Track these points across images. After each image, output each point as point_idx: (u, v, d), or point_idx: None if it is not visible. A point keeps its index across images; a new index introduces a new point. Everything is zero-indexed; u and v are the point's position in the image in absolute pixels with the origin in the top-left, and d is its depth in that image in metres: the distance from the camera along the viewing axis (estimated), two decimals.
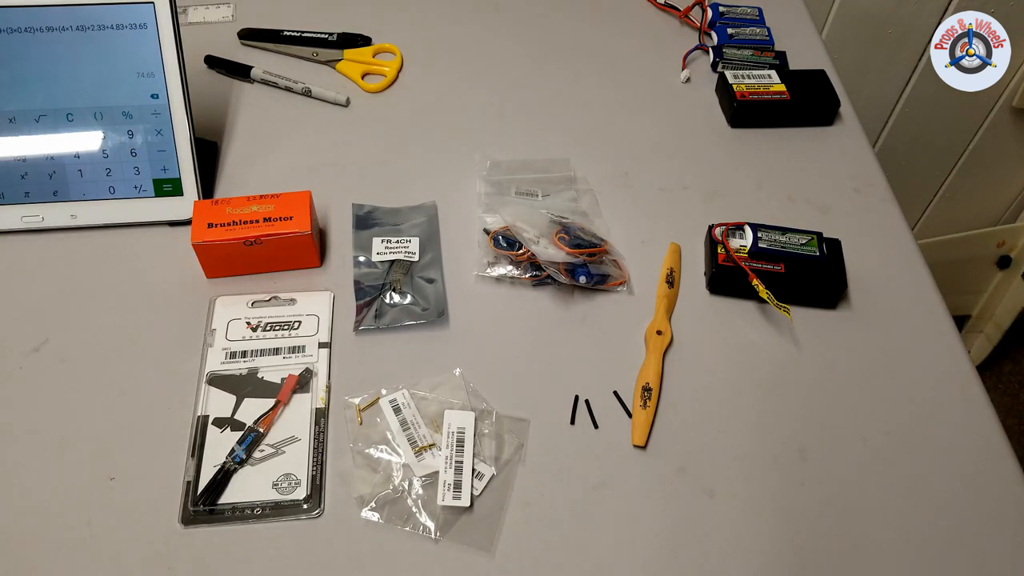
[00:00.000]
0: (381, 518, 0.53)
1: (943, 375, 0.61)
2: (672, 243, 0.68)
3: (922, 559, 0.53)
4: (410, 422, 0.57)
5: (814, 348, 0.62)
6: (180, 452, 0.55)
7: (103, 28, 0.65)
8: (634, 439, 0.57)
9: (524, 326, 0.63)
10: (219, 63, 0.81)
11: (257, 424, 0.56)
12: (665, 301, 0.64)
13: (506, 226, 0.66)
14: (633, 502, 0.54)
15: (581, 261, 0.64)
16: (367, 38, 0.84)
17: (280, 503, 0.53)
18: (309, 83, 0.79)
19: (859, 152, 0.77)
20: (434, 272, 0.65)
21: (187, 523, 0.52)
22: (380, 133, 0.77)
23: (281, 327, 0.61)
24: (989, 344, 1.51)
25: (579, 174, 0.73)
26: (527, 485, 0.55)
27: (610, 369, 0.61)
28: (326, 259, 0.67)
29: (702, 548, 0.53)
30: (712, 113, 0.80)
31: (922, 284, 0.67)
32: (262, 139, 0.76)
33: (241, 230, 0.61)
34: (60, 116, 0.66)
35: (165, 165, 0.68)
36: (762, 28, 0.84)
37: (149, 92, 0.67)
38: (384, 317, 0.62)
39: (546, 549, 0.52)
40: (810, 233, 0.65)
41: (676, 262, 0.66)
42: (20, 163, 0.66)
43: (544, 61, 0.84)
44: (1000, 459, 0.57)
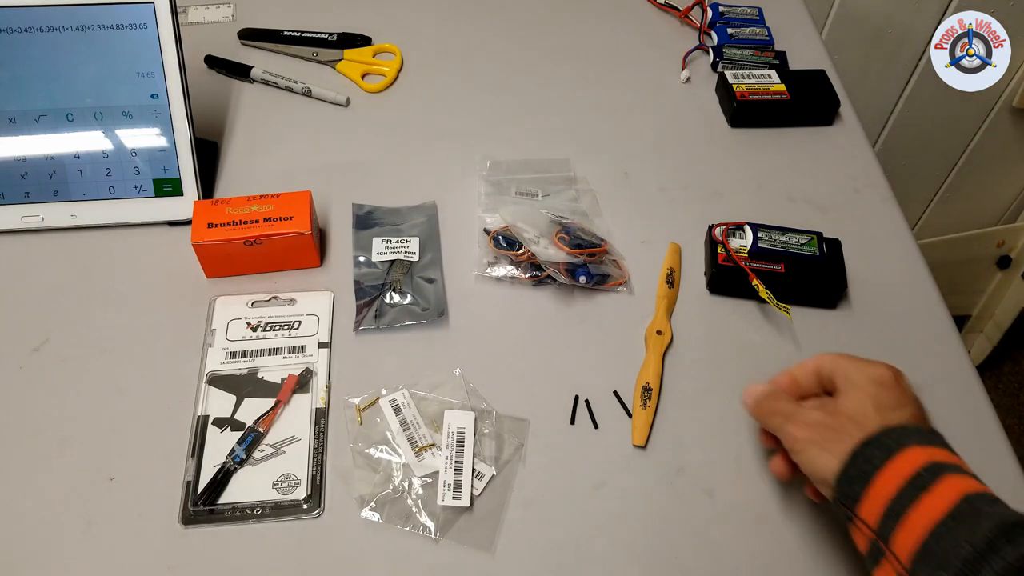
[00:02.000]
0: (381, 518, 0.53)
1: (943, 375, 0.61)
2: (672, 243, 0.68)
3: None
4: (410, 422, 0.57)
5: (814, 348, 0.62)
6: (180, 452, 0.55)
7: (103, 28, 0.65)
8: (634, 439, 0.57)
9: (524, 326, 0.63)
10: (219, 63, 0.81)
11: (257, 424, 0.56)
12: (665, 301, 0.64)
13: (506, 226, 0.66)
14: (633, 502, 0.54)
15: (581, 261, 0.64)
16: (367, 38, 0.84)
17: (280, 503, 0.53)
18: (309, 83, 0.79)
19: (859, 152, 0.77)
20: (434, 272, 0.65)
21: (187, 523, 0.52)
22: (380, 133, 0.77)
23: (281, 327, 0.61)
24: (989, 344, 1.51)
25: (579, 174, 0.73)
26: (527, 485, 0.55)
27: (610, 369, 0.61)
28: (326, 259, 0.67)
29: (702, 548, 0.53)
30: (712, 113, 0.80)
31: (922, 284, 0.67)
32: (262, 139, 0.76)
33: (241, 230, 0.61)
34: (60, 116, 0.66)
35: (165, 165, 0.68)
36: (762, 28, 0.84)
37: (149, 92, 0.67)
38: (384, 317, 0.62)
39: (546, 549, 0.52)
40: (810, 233, 0.65)
41: (676, 262, 0.66)
42: (20, 163, 0.66)
43: (544, 61, 0.84)
44: (1000, 459, 0.57)
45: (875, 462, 0.42)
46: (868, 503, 0.41)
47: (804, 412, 0.48)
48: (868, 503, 0.41)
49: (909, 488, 0.40)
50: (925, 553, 0.38)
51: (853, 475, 0.42)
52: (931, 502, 0.39)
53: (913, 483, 0.40)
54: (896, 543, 0.39)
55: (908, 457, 0.41)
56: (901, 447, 0.42)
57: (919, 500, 0.39)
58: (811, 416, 0.47)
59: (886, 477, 0.41)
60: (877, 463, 0.42)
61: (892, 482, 0.41)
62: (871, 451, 0.42)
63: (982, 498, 0.39)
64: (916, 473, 0.40)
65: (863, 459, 0.42)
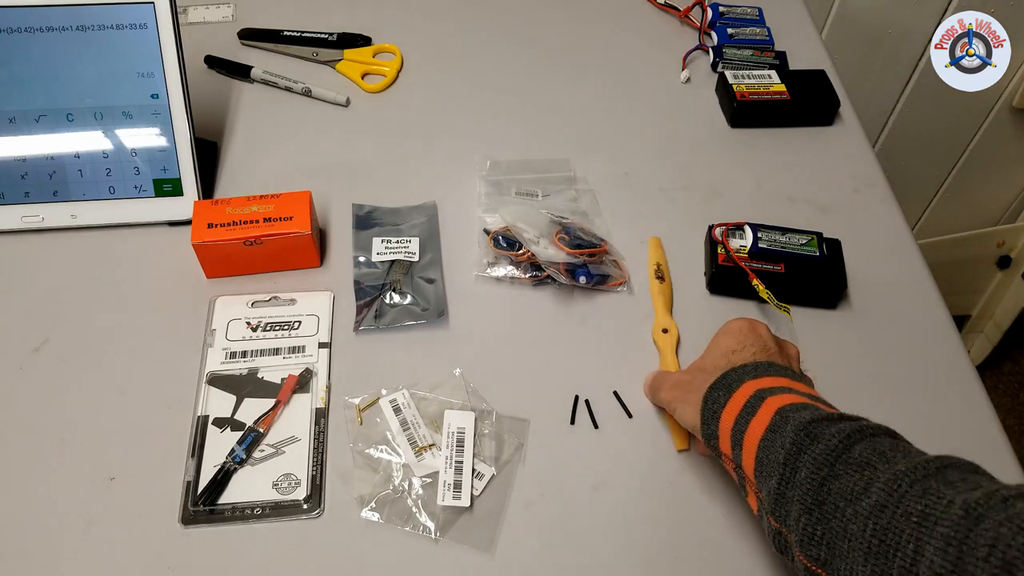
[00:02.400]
0: (381, 518, 0.53)
1: (943, 375, 0.61)
2: (652, 237, 0.67)
3: None
4: (410, 422, 0.57)
5: (814, 348, 0.62)
6: (180, 452, 0.55)
7: (103, 28, 0.65)
8: (676, 444, 0.57)
9: (524, 326, 0.63)
10: (219, 63, 0.81)
11: (257, 424, 0.56)
12: (661, 298, 0.64)
13: (506, 226, 0.66)
14: (633, 502, 0.54)
15: (581, 261, 0.64)
16: (367, 38, 0.84)
17: (280, 503, 0.53)
18: (309, 83, 0.79)
19: (859, 152, 0.77)
20: (434, 272, 0.65)
21: (187, 523, 0.52)
22: (380, 133, 0.77)
23: (281, 327, 0.61)
24: (989, 344, 1.51)
25: (579, 174, 0.73)
26: (527, 485, 0.55)
27: (610, 369, 0.61)
28: (326, 259, 0.67)
29: (702, 548, 0.53)
30: (712, 113, 0.80)
31: (922, 284, 0.67)
32: (262, 139, 0.76)
33: (241, 230, 0.61)
34: (60, 116, 0.66)
35: (165, 165, 0.68)
36: (762, 28, 0.84)
37: (149, 92, 0.67)
38: (384, 317, 0.62)
39: (546, 549, 0.52)
40: (810, 233, 0.65)
41: (660, 256, 0.66)
42: (20, 163, 0.66)
43: (544, 61, 0.84)
44: (1000, 459, 0.57)
45: (720, 401, 0.47)
46: (721, 438, 0.47)
47: (671, 376, 0.56)
48: (721, 438, 0.47)
49: (742, 416, 0.45)
50: (759, 466, 0.44)
51: (707, 417, 0.48)
52: (756, 422, 0.44)
53: (744, 410, 0.45)
54: (744, 465, 0.45)
55: (743, 391, 0.46)
56: (740, 383, 0.47)
57: (748, 424, 0.45)
58: (675, 378, 0.55)
59: (728, 411, 0.46)
60: (722, 402, 0.47)
61: (731, 414, 0.46)
62: (716, 393, 0.48)
63: (792, 407, 0.44)
64: (747, 402, 0.46)
65: (711, 401, 0.48)
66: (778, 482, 0.42)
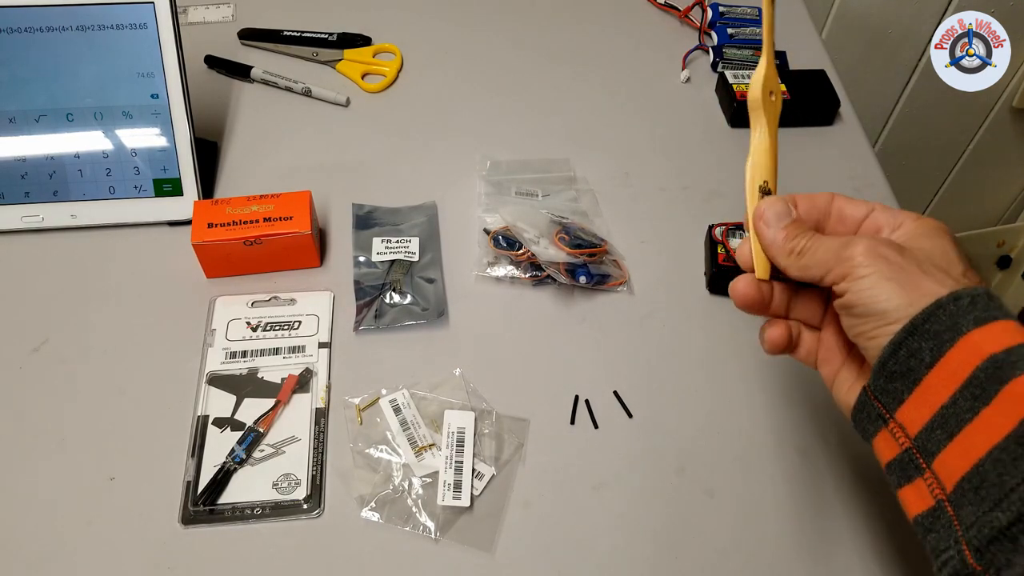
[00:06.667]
0: (381, 518, 0.53)
1: None
2: None
3: (924, 558, 0.53)
4: (410, 422, 0.57)
5: None
6: (180, 452, 0.55)
7: (103, 28, 0.65)
8: (758, 272, 0.46)
9: (524, 326, 0.63)
10: (219, 63, 0.81)
11: (257, 424, 0.56)
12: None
13: (506, 226, 0.66)
14: (633, 502, 0.54)
15: (581, 261, 0.64)
16: (367, 38, 0.84)
17: (280, 503, 0.53)
18: (309, 83, 0.79)
19: (859, 152, 0.77)
20: (434, 272, 0.65)
21: (187, 523, 0.52)
22: (380, 133, 0.77)
23: (281, 327, 0.61)
24: None
25: (579, 174, 0.73)
26: (527, 485, 0.55)
27: (610, 369, 0.61)
28: (326, 259, 0.67)
29: (702, 548, 0.53)
30: (712, 113, 0.80)
31: None
32: (262, 139, 0.76)
33: (241, 230, 0.61)
34: (60, 116, 0.66)
35: (165, 165, 0.68)
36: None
37: (149, 92, 0.67)
38: (384, 317, 0.62)
39: (546, 549, 0.52)
40: None
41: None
42: (20, 163, 0.66)
43: (544, 61, 0.84)
44: None
45: (924, 358, 0.34)
46: (911, 409, 0.34)
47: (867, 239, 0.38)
48: (911, 409, 0.34)
49: (963, 396, 0.33)
50: (977, 479, 0.32)
51: (895, 369, 0.35)
52: (990, 418, 0.32)
53: (968, 388, 0.33)
54: (946, 463, 0.33)
55: (962, 349, 0.33)
56: (956, 335, 0.33)
57: (979, 414, 0.32)
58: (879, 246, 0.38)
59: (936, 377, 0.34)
60: (927, 360, 0.34)
61: (946, 386, 0.34)
62: (915, 342, 0.34)
63: None
64: (971, 375, 0.33)
65: (906, 353, 0.35)
66: (1014, 520, 0.30)
